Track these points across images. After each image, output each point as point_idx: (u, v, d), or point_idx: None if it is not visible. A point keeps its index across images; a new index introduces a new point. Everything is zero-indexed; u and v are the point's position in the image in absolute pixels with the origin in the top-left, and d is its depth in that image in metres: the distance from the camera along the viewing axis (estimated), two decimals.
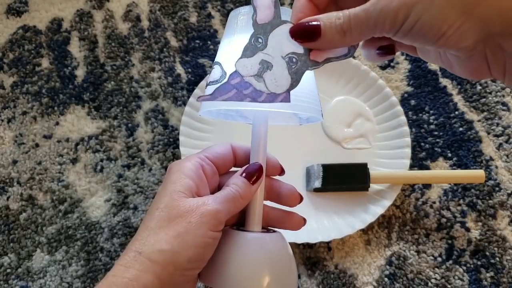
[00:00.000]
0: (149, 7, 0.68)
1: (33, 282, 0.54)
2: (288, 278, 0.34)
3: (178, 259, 0.30)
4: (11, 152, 0.60)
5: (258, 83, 0.31)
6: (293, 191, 0.37)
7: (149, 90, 0.63)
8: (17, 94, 0.63)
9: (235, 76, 0.31)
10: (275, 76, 0.30)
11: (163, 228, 0.31)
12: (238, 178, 0.34)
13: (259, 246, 0.34)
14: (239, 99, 0.31)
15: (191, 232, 0.30)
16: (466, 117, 0.62)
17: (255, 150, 0.35)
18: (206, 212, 0.31)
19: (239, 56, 0.31)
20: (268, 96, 0.30)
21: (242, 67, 0.31)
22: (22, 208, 0.57)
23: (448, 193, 0.58)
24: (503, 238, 0.56)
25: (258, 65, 0.31)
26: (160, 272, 0.29)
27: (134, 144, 0.60)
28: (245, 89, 0.31)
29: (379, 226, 0.57)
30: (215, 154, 0.36)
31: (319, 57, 0.31)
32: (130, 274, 0.29)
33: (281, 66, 0.31)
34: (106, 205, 0.57)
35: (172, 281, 0.30)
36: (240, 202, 0.33)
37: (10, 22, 0.67)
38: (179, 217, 0.31)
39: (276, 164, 0.37)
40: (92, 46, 0.65)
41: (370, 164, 0.56)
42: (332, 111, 0.60)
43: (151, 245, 0.30)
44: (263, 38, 0.31)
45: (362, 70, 0.61)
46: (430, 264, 0.55)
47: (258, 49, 0.31)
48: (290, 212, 0.38)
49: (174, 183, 0.33)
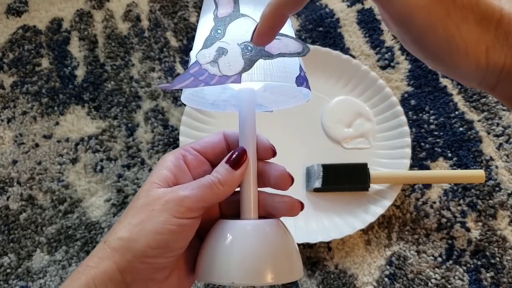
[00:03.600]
0: (149, 7, 0.68)
1: (33, 282, 0.54)
2: (290, 263, 0.33)
3: (135, 245, 0.30)
4: (11, 152, 0.60)
5: (212, 68, 0.32)
6: (283, 171, 0.35)
7: (149, 90, 0.63)
8: (17, 94, 0.63)
9: (195, 65, 0.32)
10: (229, 60, 0.31)
11: (128, 217, 0.31)
12: (221, 165, 0.33)
13: (256, 233, 0.32)
14: (195, 85, 0.32)
15: (152, 219, 0.30)
16: (466, 117, 0.62)
17: (242, 134, 0.35)
18: (170, 199, 0.31)
19: (200, 46, 0.33)
20: (220, 78, 0.31)
21: (201, 56, 0.32)
22: (22, 208, 0.57)
23: (448, 193, 0.58)
24: (503, 238, 0.56)
25: (214, 52, 0.32)
26: (119, 258, 0.30)
27: (134, 144, 0.60)
28: (201, 75, 0.32)
29: (379, 226, 0.57)
30: (202, 143, 0.35)
31: (273, 50, 0.32)
32: (92, 262, 0.30)
33: (236, 52, 0.32)
34: (106, 205, 0.57)
35: (132, 268, 0.30)
36: (220, 188, 0.32)
37: (10, 22, 0.67)
38: (145, 206, 0.31)
39: (268, 146, 0.35)
40: (92, 46, 0.65)
41: (370, 164, 0.56)
42: (332, 111, 0.60)
43: (114, 233, 0.31)
44: (222, 29, 0.32)
45: (362, 70, 0.61)
46: (430, 264, 0.55)
47: (216, 39, 0.32)
48: (286, 198, 0.35)
49: (151, 175, 0.33)
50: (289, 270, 0.33)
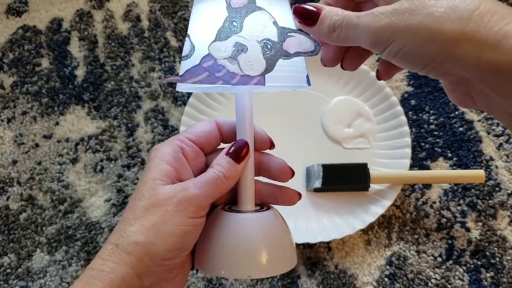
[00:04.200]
0: (149, 7, 0.68)
1: (33, 282, 0.54)
2: (284, 253, 0.33)
3: (153, 250, 0.29)
4: (11, 152, 0.60)
5: (231, 65, 0.30)
6: (284, 165, 0.35)
7: (149, 90, 0.63)
8: (17, 94, 0.63)
9: (208, 59, 0.30)
10: (250, 59, 0.30)
11: (139, 218, 0.30)
12: (223, 158, 0.33)
13: (254, 226, 0.32)
14: (211, 82, 0.30)
15: (167, 222, 0.30)
16: (466, 117, 0.62)
17: (240, 124, 0.34)
18: (183, 199, 0.30)
19: (211, 37, 0.31)
20: (242, 78, 0.30)
21: (216, 49, 0.30)
22: (22, 208, 0.57)
23: (448, 193, 0.58)
24: (503, 238, 0.56)
25: (232, 48, 0.30)
26: (136, 263, 0.29)
27: (134, 144, 0.60)
28: (217, 71, 0.30)
29: (379, 226, 0.57)
30: (197, 133, 0.34)
31: (291, 49, 0.31)
32: (107, 267, 0.29)
33: (257, 50, 0.30)
34: (106, 205, 0.57)
35: (150, 271, 0.30)
36: (225, 183, 0.32)
37: (10, 22, 0.67)
38: (156, 206, 0.30)
39: (265, 138, 0.35)
40: (92, 46, 0.65)
41: (370, 164, 0.56)
42: (332, 111, 0.60)
43: (127, 236, 0.30)
44: (237, 21, 0.31)
45: (362, 70, 0.61)
46: (430, 264, 0.55)
47: (232, 32, 0.30)
48: (283, 187, 0.36)
49: (151, 170, 0.32)
50: (283, 263, 0.33)
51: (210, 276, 0.54)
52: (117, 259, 0.29)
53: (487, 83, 0.25)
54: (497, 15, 0.24)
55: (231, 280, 0.54)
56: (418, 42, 0.26)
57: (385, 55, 0.28)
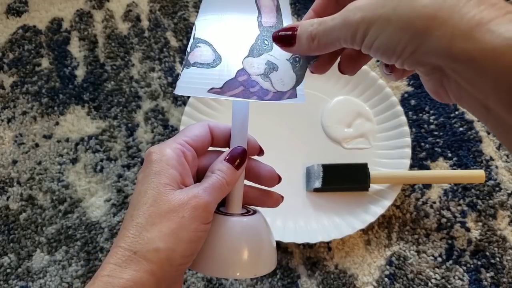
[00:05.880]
0: (149, 7, 0.68)
1: (33, 282, 0.54)
2: (270, 254, 0.36)
3: (173, 256, 0.30)
4: (11, 152, 0.60)
5: (264, 82, 0.31)
6: (273, 172, 0.37)
7: (149, 90, 0.63)
8: (17, 94, 0.63)
9: (242, 73, 0.31)
10: (281, 76, 0.32)
11: (155, 224, 0.30)
12: (223, 164, 0.33)
13: (241, 229, 0.34)
14: (246, 97, 0.31)
15: (184, 228, 0.30)
16: (466, 117, 0.62)
17: (237, 131, 0.35)
18: (197, 206, 0.31)
19: (244, 52, 0.31)
20: (275, 94, 0.31)
21: (249, 65, 0.31)
22: (22, 208, 0.57)
23: (448, 193, 0.58)
24: (503, 238, 0.56)
25: (264, 65, 0.31)
26: (157, 270, 0.29)
27: (134, 144, 0.60)
28: (251, 87, 0.31)
29: (379, 226, 0.57)
30: (194, 137, 0.35)
31: (309, 57, 0.33)
32: (128, 275, 0.29)
33: (287, 68, 0.32)
34: (106, 205, 0.57)
35: (167, 277, 0.30)
36: (226, 189, 0.33)
37: (10, 22, 0.67)
38: (171, 212, 0.30)
39: (255, 145, 0.37)
40: (92, 46, 0.65)
41: (370, 164, 0.56)
42: (332, 111, 0.60)
43: (145, 243, 0.30)
44: (268, 41, 0.32)
45: (362, 70, 0.61)
46: (430, 264, 0.55)
47: (264, 50, 0.32)
48: (270, 191, 0.38)
49: (159, 174, 0.32)
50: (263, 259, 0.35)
51: (210, 276, 0.54)
52: (137, 267, 0.29)
53: (459, 73, 0.24)
54: (475, 0, 0.23)
55: (231, 280, 0.54)
56: (391, 31, 0.25)
57: (363, 49, 0.27)
